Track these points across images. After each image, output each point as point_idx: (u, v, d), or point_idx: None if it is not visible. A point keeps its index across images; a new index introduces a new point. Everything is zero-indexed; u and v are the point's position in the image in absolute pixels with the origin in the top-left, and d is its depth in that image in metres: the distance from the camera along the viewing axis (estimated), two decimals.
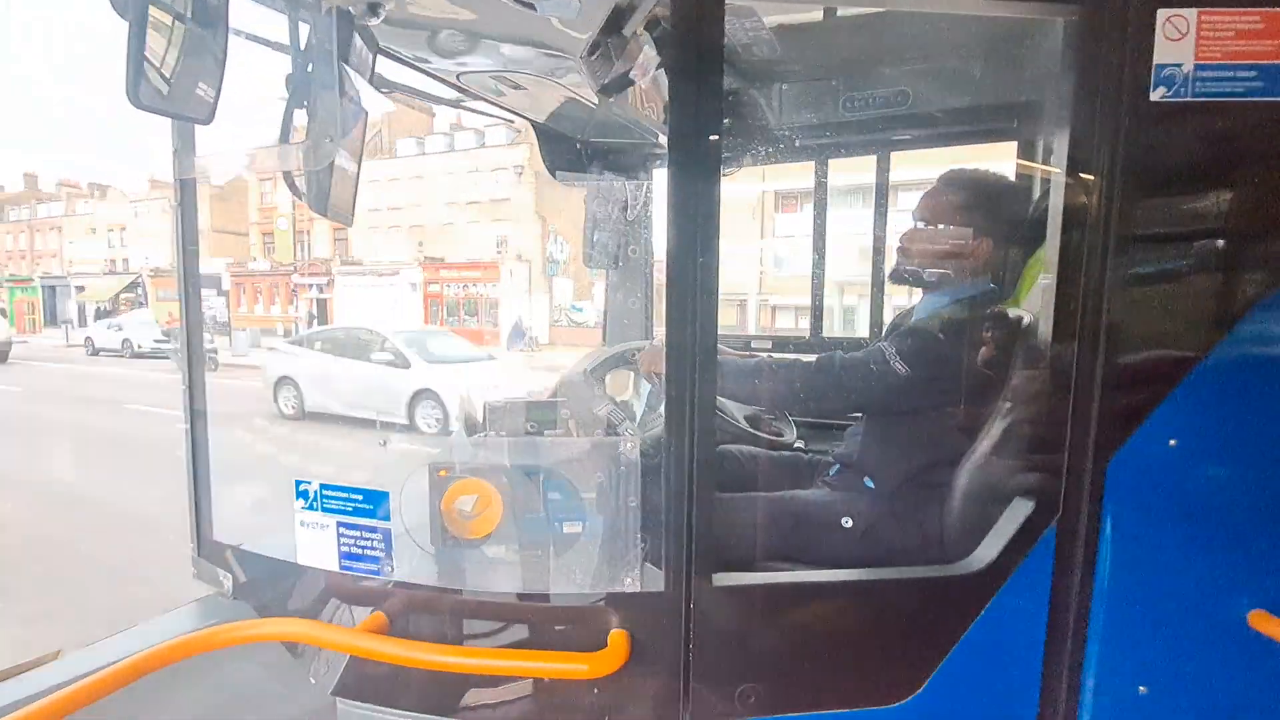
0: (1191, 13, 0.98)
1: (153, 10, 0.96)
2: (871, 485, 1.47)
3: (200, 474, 1.36)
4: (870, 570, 1.16)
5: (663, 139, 2.09)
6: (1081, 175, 1.06)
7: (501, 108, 1.93)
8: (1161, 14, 0.99)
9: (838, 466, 1.62)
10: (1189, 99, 1.00)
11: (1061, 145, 1.08)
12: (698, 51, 0.98)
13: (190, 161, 1.16)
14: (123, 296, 33.35)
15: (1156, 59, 1.00)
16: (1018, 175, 1.78)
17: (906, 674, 1.08)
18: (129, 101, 0.93)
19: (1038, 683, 1.11)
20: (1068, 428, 1.08)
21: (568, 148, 2.21)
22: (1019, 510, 1.13)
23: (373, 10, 1.06)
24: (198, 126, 1.11)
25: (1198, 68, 1.00)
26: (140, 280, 32.25)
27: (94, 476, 7.17)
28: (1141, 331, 1.08)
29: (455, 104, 1.91)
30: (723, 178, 2.38)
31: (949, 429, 1.37)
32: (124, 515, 5.83)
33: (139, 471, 7.17)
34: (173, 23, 1.00)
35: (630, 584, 1.06)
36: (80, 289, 35.57)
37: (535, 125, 2.13)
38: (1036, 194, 1.73)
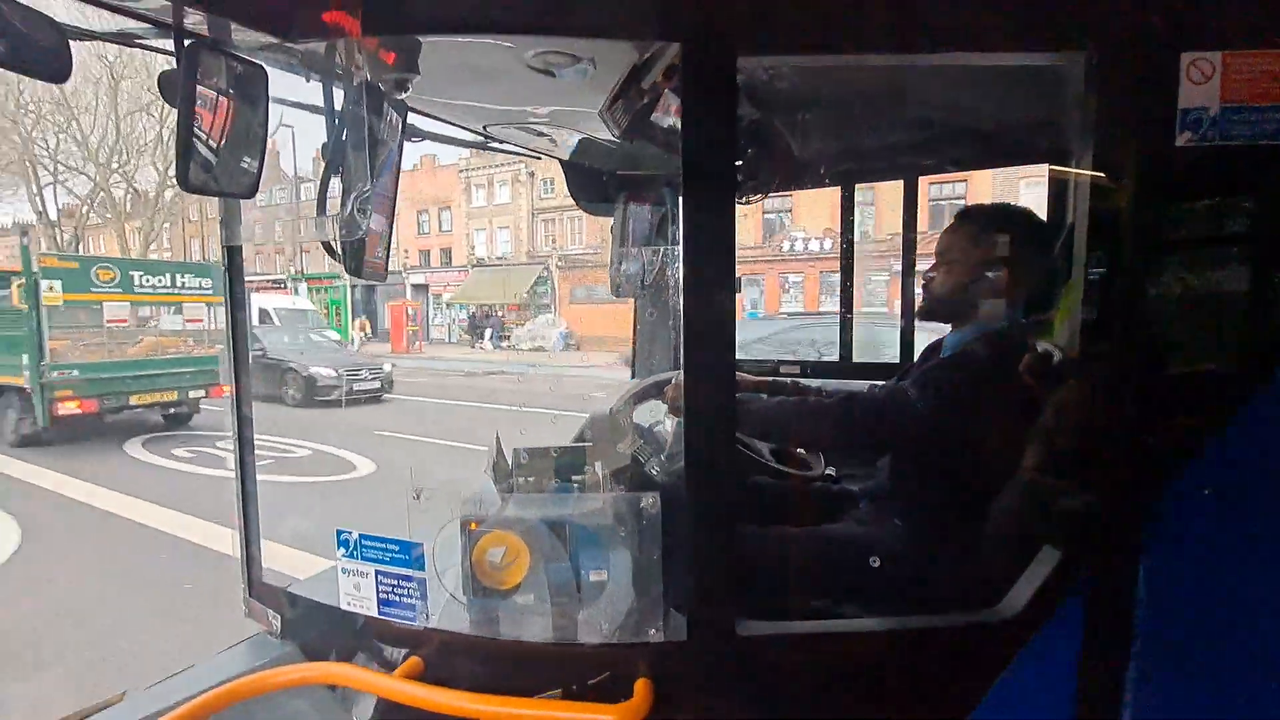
0: (1216, 55, 0.96)
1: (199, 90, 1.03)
2: (900, 524, 1.46)
3: (250, 515, 1.44)
4: (895, 619, 1.15)
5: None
6: (1106, 221, 1.04)
7: (527, 150, 1.98)
8: (1185, 57, 0.98)
9: (867, 501, 1.61)
10: (1216, 142, 0.98)
11: (1084, 187, 1.07)
12: (710, 103, 1.00)
13: (237, 230, 1.23)
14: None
15: (1181, 103, 0.98)
16: (1050, 202, 1.75)
17: None
18: (179, 185, 1.01)
19: None
20: (1101, 471, 1.07)
21: (594, 180, 2.26)
22: (1049, 557, 1.11)
23: (400, 86, 1.11)
24: None
25: (1224, 110, 0.98)
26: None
27: None
28: (1173, 376, 1.06)
29: (481, 146, 1.98)
30: (751, 203, 2.39)
31: (977, 469, 1.35)
32: None
33: None
34: (216, 102, 1.07)
35: (654, 634, 1.08)
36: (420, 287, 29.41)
37: (561, 161, 2.18)
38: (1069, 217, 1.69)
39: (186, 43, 0.98)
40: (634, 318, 2.65)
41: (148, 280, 9.79)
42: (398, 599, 1.14)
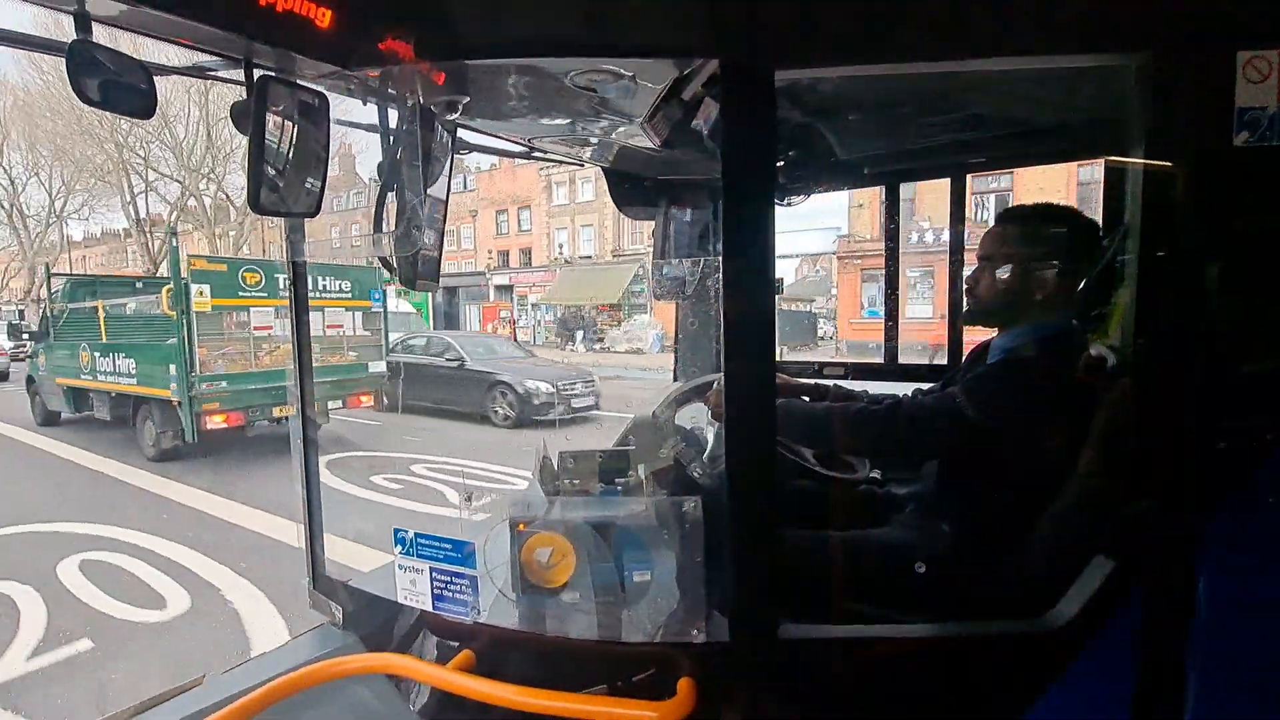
0: (1274, 54, 0.93)
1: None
2: (947, 529, 1.44)
3: (314, 511, 1.53)
4: (940, 626, 1.15)
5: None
6: (1163, 219, 1.01)
7: (569, 158, 2.03)
8: (1242, 56, 0.94)
9: (913, 505, 1.59)
10: (1274, 143, 0.94)
11: (1138, 185, 1.04)
12: (749, 117, 1.01)
13: (301, 246, 1.32)
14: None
15: (1239, 102, 0.95)
16: (1105, 199, 1.69)
17: None
18: (251, 209, 1.08)
19: None
20: (1158, 478, 1.04)
21: (636, 186, 2.29)
22: (1102, 565, 1.09)
23: (451, 107, 1.17)
24: None
25: None
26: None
27: None
28: (1235, 378, 1.02)
29: (525, 156, 2.03)
30: (792, 205, 2.38)
31: (1028, 476, 1.32)
32: None
33: None
34: (282, 128, 1.15)
35: (697, 635, 1.11)
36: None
37: (604, 168, 2.22)
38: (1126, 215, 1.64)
39: (257, 75, 1.05)
40: (675, 321, 2.68)
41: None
42: (451, 595, 1.20)
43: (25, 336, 11.65)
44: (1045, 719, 1.07)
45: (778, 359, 1.24)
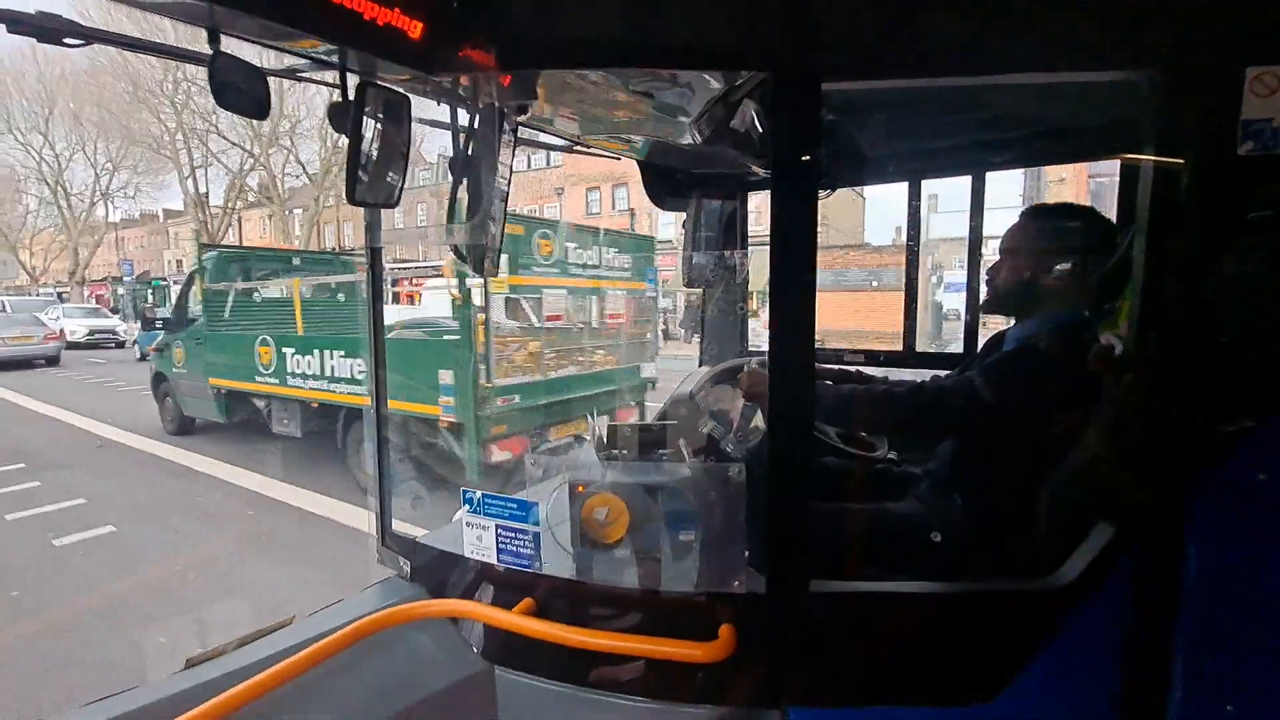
0: None
1: None
2: (960, 502, 1.57)
3: (383, 472, 1.67)
4: (957, 583, 1.28)
5: (755, 167, 2.24)
6: (1170, 221, 1.12)
7: (607, 151, 2.15)
8: (1250, 71, 1.05)
9: (928, 481, 1.72)
10: (1278, 152, 1.05)
11: (1149, 187, 1.15)
12: (797, 124, 1.13)
13: (379, 234, 1.44)
14: None
15: (1244, 115, 1.05)
16: (1120, 199, 1.79)
17: (986, 679, 1.20)
18: (348, 200, 1.21)
19: (1116, 698, 1.19)
20: (1153, 454, 1.16)
21: (669, 179, 2.41)
22: (1103, 533, 1.21)
23: (521, 110, 1.29)
24: None
25: None
26: None
27: None
28: (1232, 373, 1.13)
29: (568, 150, 2.15)
30: (821, 199, 2.50)
31: (1038, 454, 1.44)
32: None
33: None
34: (372, 128, 1.27)
35: (738, 586, 1.24)
36: None
37: (639, 161, 2.34)
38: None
39: (355, 81, 1.18)
40: (701, 307, 2.80)
41: (579, 256, 6.13)
42: (514, 549, 1.34)
43: (159, 325, 9.06)
44: (1048, 667, 1.20)
45: None
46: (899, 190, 2.29)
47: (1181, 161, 1.10)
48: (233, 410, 7.70)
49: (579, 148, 2.15)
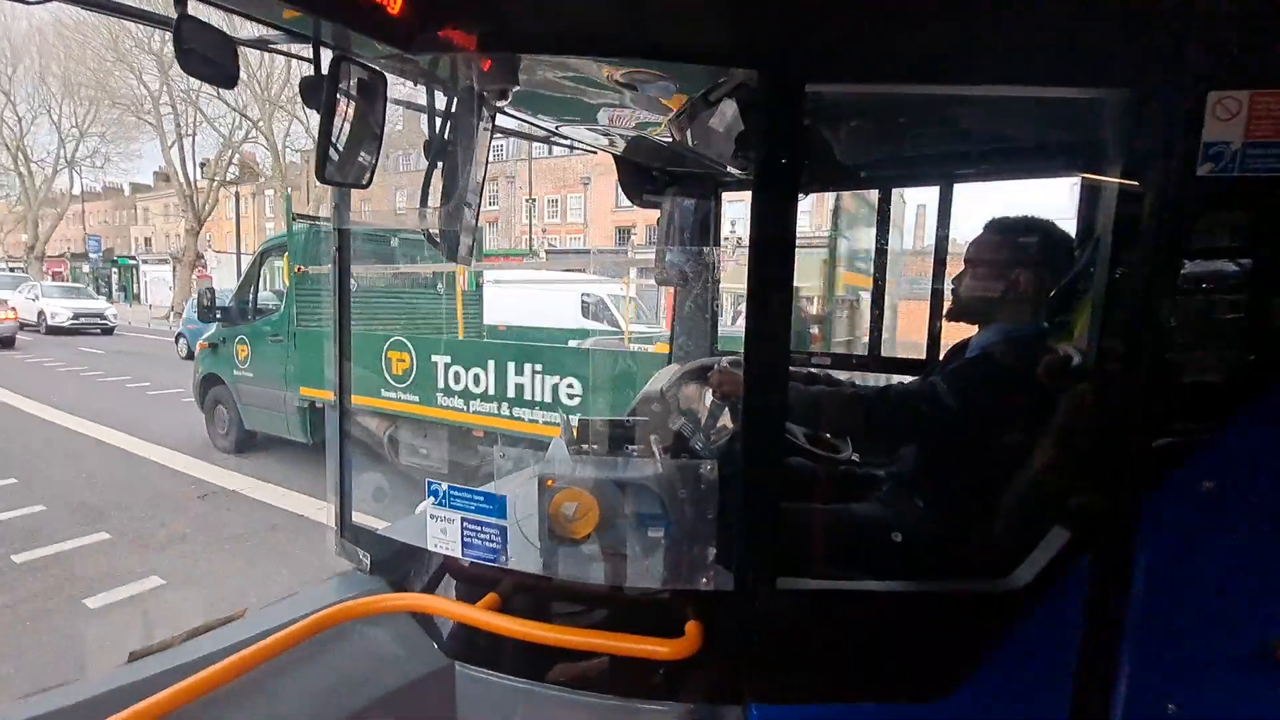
0: (1244, 94, 1.08)
1: None
2: (921, 504, 1.60)
3: (344, 465, 1.62)
4: (917, 582, 1.30)
5: (731, 167, 2.25)
6: (1127, 237, 1.17)
7: (588, 146, 2.13)
8: (1213, 96, 1.09)
9: (890, 483, 1.75)
10: (1235, 174, 1.10)
11: (1109, 206, 1.19)
12: (780, 123, 1.13)
13: (347, 215, 1.40)
14: None
15: (1205, 137, 1.10)
16: (1080, 215, 1.86)
17: (944, 676, 1.23)
18: (318, 179, 1.17)
19: (1068, 696, 1.24)
20: (1105, 463, 1.20)
21: (645, 176, 2.40)
22: (1057, 537, 1.25)
23: (501, 95, 1.27)
24: None
25: (1246, 145, 1.09)
26: None
27: None
28: (1181, 385, 1.19)
29: (546, 141, 2.13)
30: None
31: (997, 458, 1.49)
32: None
33: None
34: (345, 106, 1.23)
35: (705, 584, 1.24)
36: None
37: (616, 157, 2.33)
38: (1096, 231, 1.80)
39: (329, 55, 1.13)
40: (671, 306, 2.80)
41: None
42: (480, 543, 1.31)
43: (218, 317, 6.86)
44: (1004, 665, 1.23)
45: None
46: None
47: (1141, 181, 1.15)
48: (315, 428, 6.09)
49: (557, 140, 2.12)
